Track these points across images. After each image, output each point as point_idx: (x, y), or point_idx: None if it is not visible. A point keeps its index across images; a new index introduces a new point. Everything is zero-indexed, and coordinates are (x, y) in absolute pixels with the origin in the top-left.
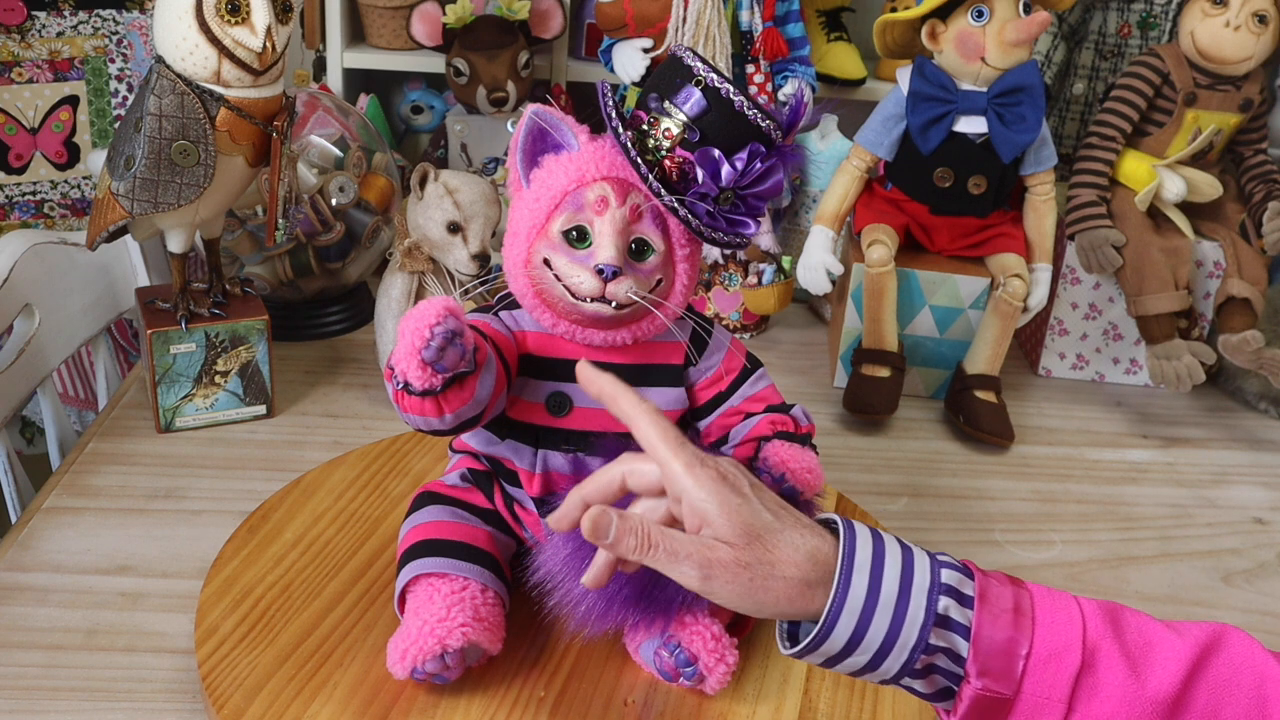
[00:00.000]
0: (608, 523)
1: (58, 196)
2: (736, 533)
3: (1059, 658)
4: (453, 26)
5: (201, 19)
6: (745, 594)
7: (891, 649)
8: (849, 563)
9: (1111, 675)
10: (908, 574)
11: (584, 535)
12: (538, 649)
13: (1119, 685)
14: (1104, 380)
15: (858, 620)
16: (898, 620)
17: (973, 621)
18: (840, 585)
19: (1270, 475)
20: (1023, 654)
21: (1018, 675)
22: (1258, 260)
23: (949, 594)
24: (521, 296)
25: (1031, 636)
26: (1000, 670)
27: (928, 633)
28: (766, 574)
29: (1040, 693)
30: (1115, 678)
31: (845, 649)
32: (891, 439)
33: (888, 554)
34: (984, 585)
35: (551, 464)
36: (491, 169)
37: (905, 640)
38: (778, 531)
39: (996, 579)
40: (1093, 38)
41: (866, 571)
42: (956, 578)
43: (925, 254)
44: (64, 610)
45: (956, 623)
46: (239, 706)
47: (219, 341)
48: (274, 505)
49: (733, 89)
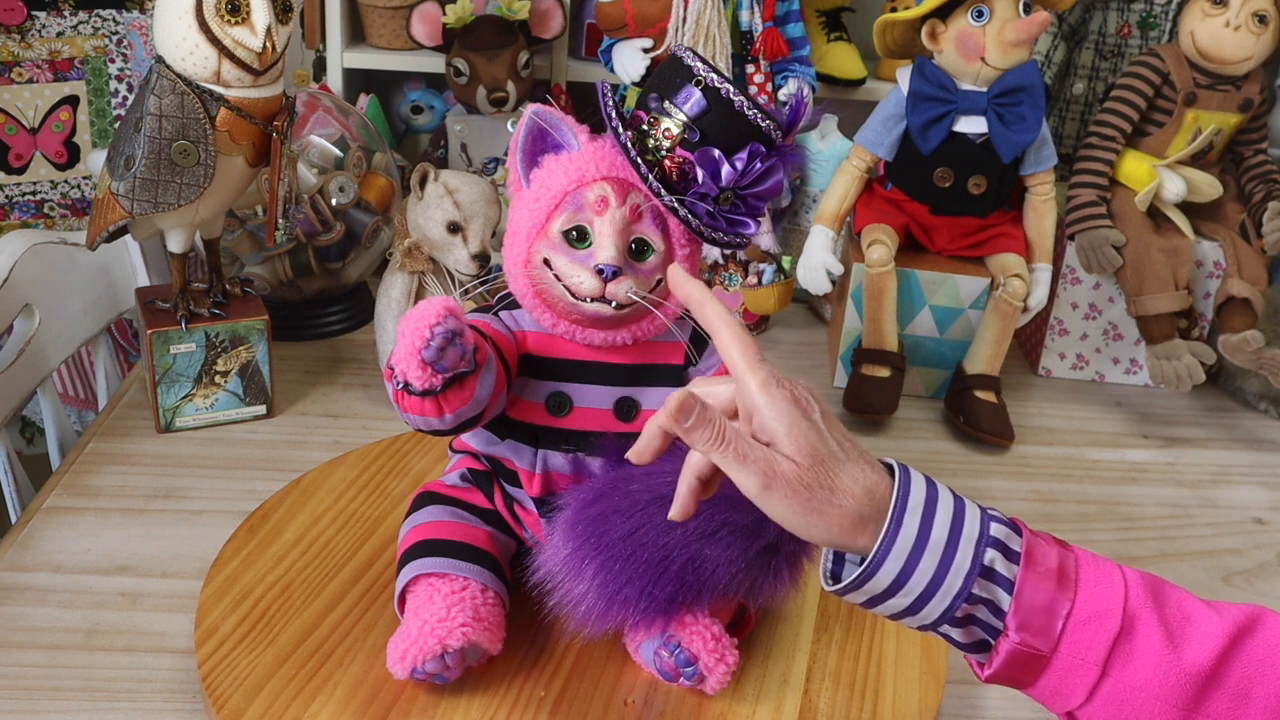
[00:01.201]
0: (692, 406)
1: (58, 196)
2: (802, 453)
3: (1099, 621)
4: (453, 26)
5: (201, 19)
6: (799, 513)
7: (935, 594)
8: (902, 504)
9: (1148, 643)
10: (958, 522)
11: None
12: (538, 649)
13: (1155, 653)
14: (1104, 380)
15: (905, 562)
16: (944, 566)
17: (1017, 577)
18: (892, 525)
19: (1270, 475)
20: (1063, 613)
21: (1056, 634)
22: (1258, 260)
23: (996, 547)
24: (521, 296)
25: (1074, 598)
26: (1040, 627)
27: (972, 582)
28: (824, 499)
29: (1077, 653)
30: (1152, 646)
31: (889, 589)
32: (891, 439)
33: (940, 501)
34: (1031, 543)
35: (551, 464)
36: (491, 169)
37: (949, 587)
38: (841, 461)
39: (1044, 539)
40: (1093, 38)
41: (918, 515)
42: (1005, 532)
43: (925, 254)
44: (64, 610)
45: (1001, 576)
46: (239, 706)
47: (219, 341)
48: (274, 505)
49: (733, 89)
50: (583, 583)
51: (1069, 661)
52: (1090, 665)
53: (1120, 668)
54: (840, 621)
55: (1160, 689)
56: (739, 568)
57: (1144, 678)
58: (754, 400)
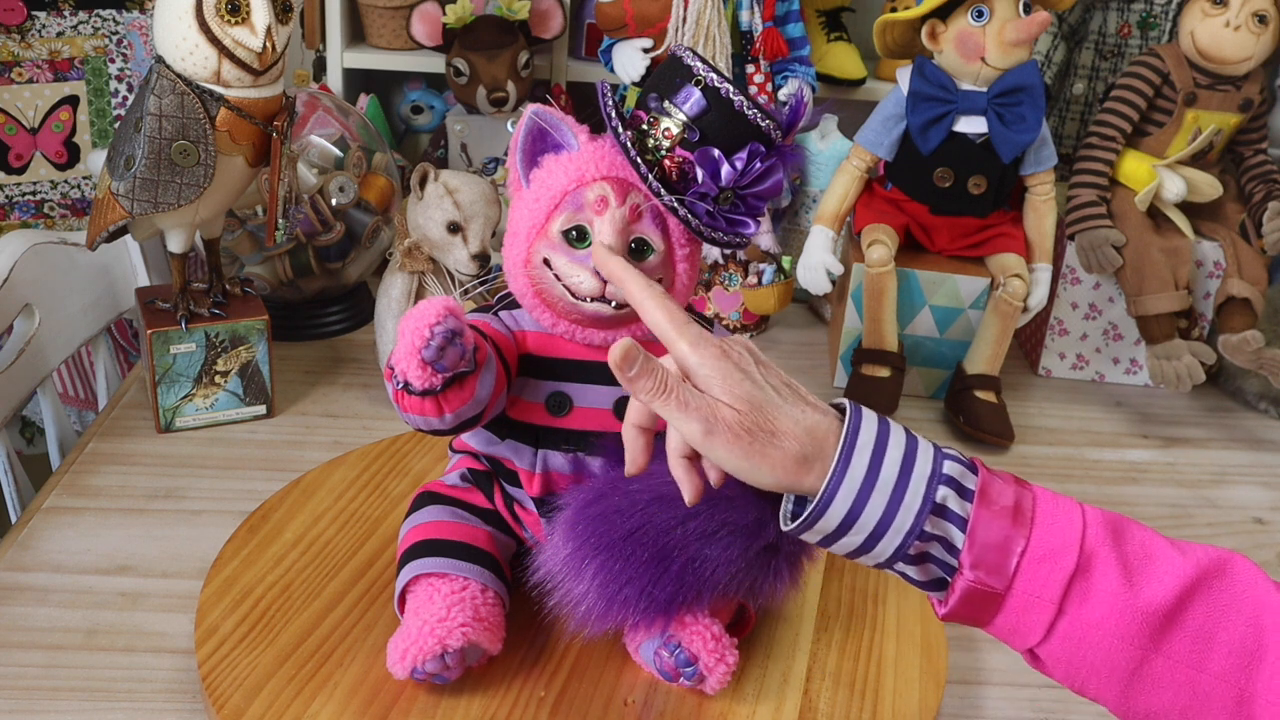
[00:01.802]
0: (635, 355)
1: (58, 196)
2: (739, 400)
3: (1053, 559)
4: (453, 26)
5: (201, 19)
6: (742, 456)
7: (886, 531)
8: (851, 441)
9: (1105, 581)
10: (909, 460)
11: (612, 365)
12: (538, 649)
13: (1112, 591)
14: (1104, 380)
15: (854, 499)
16: (894, 503)
17: (970, 514)
18: (839, 464)
19: (1270, 475)
20: (1017, 551)
21: (1010, 571)
22: (1258, 260)
23: (949, 484)
24: (521, 296)
25: (1029, 535)
26: (993, 565)
27: (923, 520)
28: (765, 441)
29: (1032, 591)
30: (1109, 584)
31: (840, 527)
32: None
33: (891, 438)
34: (986, 481)
35: (551, 464)
36: (491, 169)
37: (900, 524)
38: (779, 405)
39: (1002, 477)
40: (1093, 38)
41: (868, 453)
42: (959, 470)
43: (925, 254)
44: (64, 610)
45: (954, 513)
46: (239, 706)
47: (219, 341)
48: (274, 505)
49: (733, 89)
50: (583, 583)
51: (1024, 600)
52: (1046, 603)
53: (1077, 606)
54: (840, 621)
55: (1117, 627)
56: (739, 568)
57: (1101, 615)
58: (687, 361)
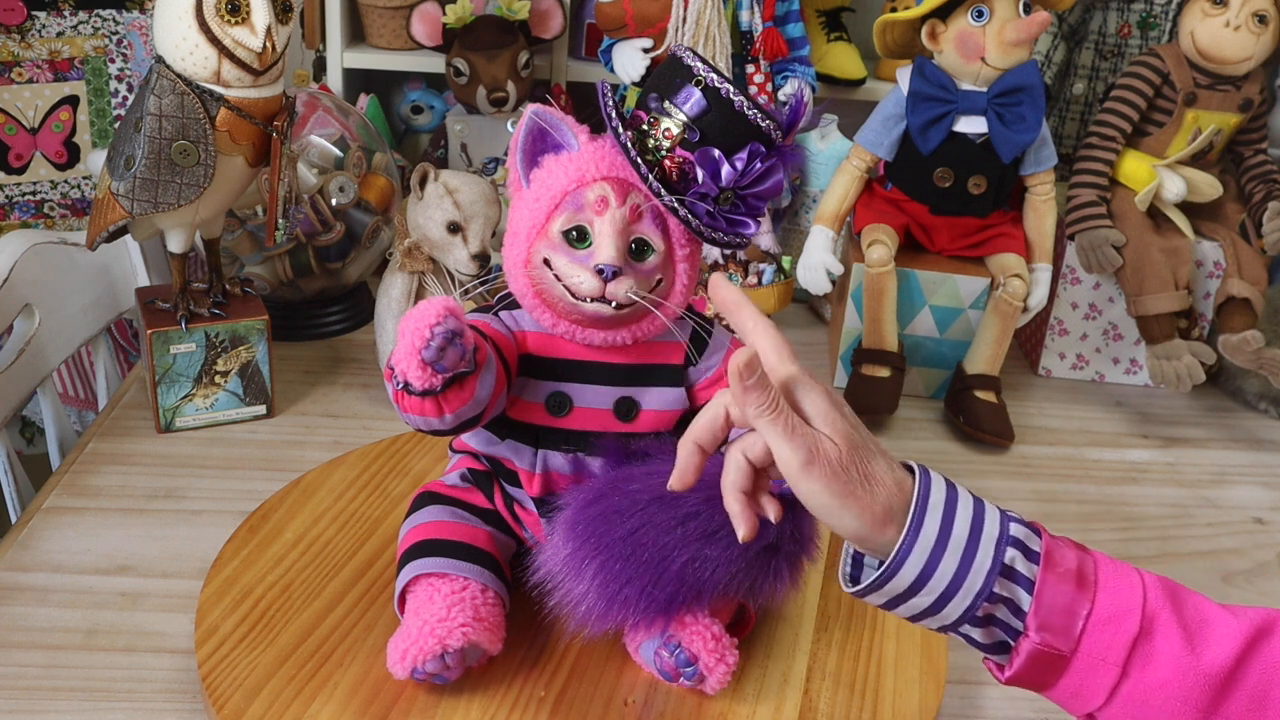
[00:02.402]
0: (757, 364)
1: (58, 196)
2: (840, 438)
3: (1118, 621)
4: (453, 26)
5: (201, 19)
6: (836, 495)
7: (956, 593)
8: (923, 502)
9: (1168, 644)
10: (978, 522)
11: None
12: (538, 649)
13: (1174, 655)
14: (1104, 380)
15: (926, 560)
16: (965, 565)
17: (1037, 576)
18: (914, 523)
19: (1270, 475)
20: (1083, 614)
21: (1076, 634)
22: (1258, 260)
23: (1016, 546)
24: (521, 296)
25: (1093, 598)
26: (1060, 627)
27: (993, 581)
28: (860, 484)
29: (1097, 653)
30: (1171, 648)
31: (910, 589)
32: (891, 439)
33: (960, 501)
34: (1050, 544)
35: (551, 464)
36: (491, 169)
37: (970, 586)
38: (874, 453)
39: (1063, 541)
40: (1093, 38)
41: (939, 514)
42: (1024, 533)
43: (925, 254)
44: (64, 610)
45: (1021, 575)
46: (239, 706)
47: (219, 341)
48: (274, 505)
49: (733, 89)
50: (583, 583)
51: (1089, 662)
52: (1110, 666)
53: (1140, 669)
54: (840, 622)
55: (1180, 690)
56: (739, 568)
57: (1163, 679)
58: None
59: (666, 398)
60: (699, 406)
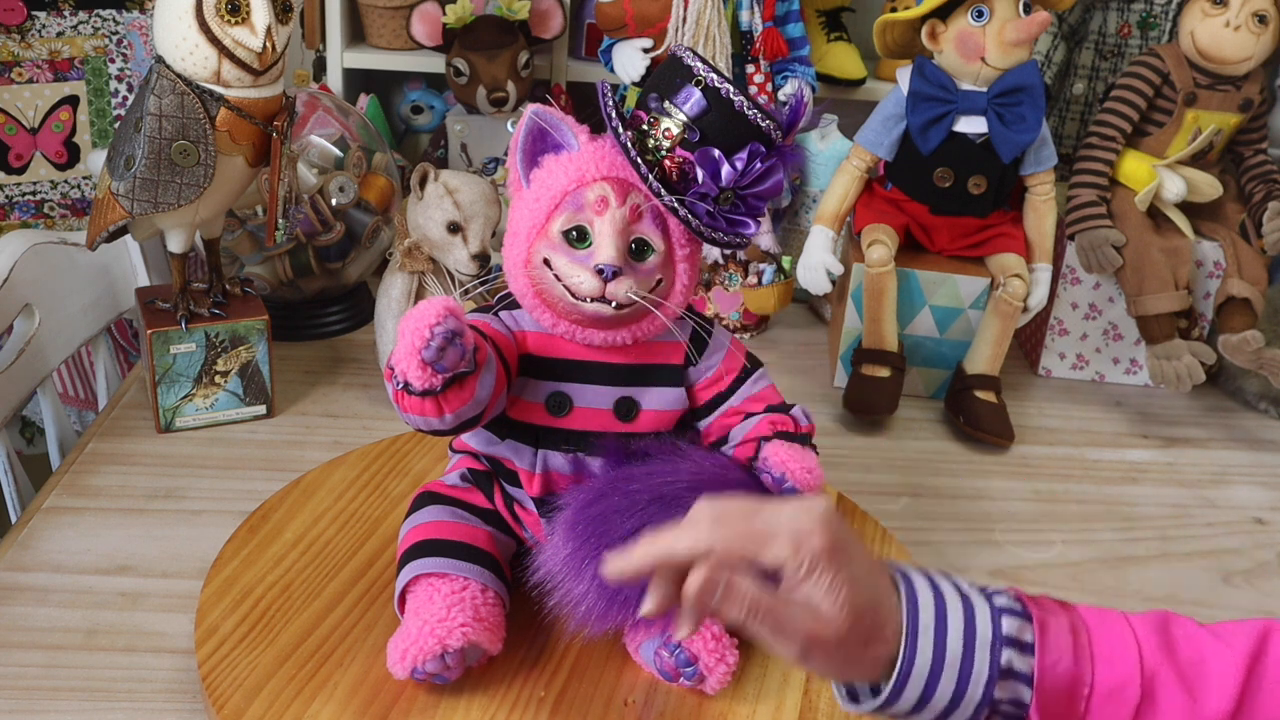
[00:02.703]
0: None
1: (58, 196)
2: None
3: (1119, 694)
4: (453, 26)
5: (201, 19)
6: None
7: (957, 708)
8: (913, 628)
9: (1170, 702)
10: (970, 629)
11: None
12: (538, 649)
13: (1177, 710)
14: (1104, 380)
15: (924, 685)
16: (963, 680)
17: (1034, 669)
18: (906, 655)
19: (1270, 475)
20: (1084, 694)
21: (1080, 714)
22: (1258, 260)
23: (1011, 645)
24: (521, 296)
25: (1092, 675)
26: (1062, 712)
27: (993, 688)
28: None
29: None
30: (1173, 704)
31: (912, 711)
32: (891, 439)
33: (949, 612)
34: (1042, 627)
35: (551, 464)
36: (491, 169)
37: (970, 697)
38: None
39: (1053, 613)
40: (1093, 38)
41: (931, 635)
42: (1017, 625)
43: (925, 254)
44: (64, 610)
45: (1019, 673)
46: (239, 706)
47: (219, 341)
48: (274, 505)
49: (733, 89)
50: (583, 583)
51: None
52: None
53: None
54: None
55: None
56: None
57: None
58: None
59: (666, 398)
60: (699, 406)
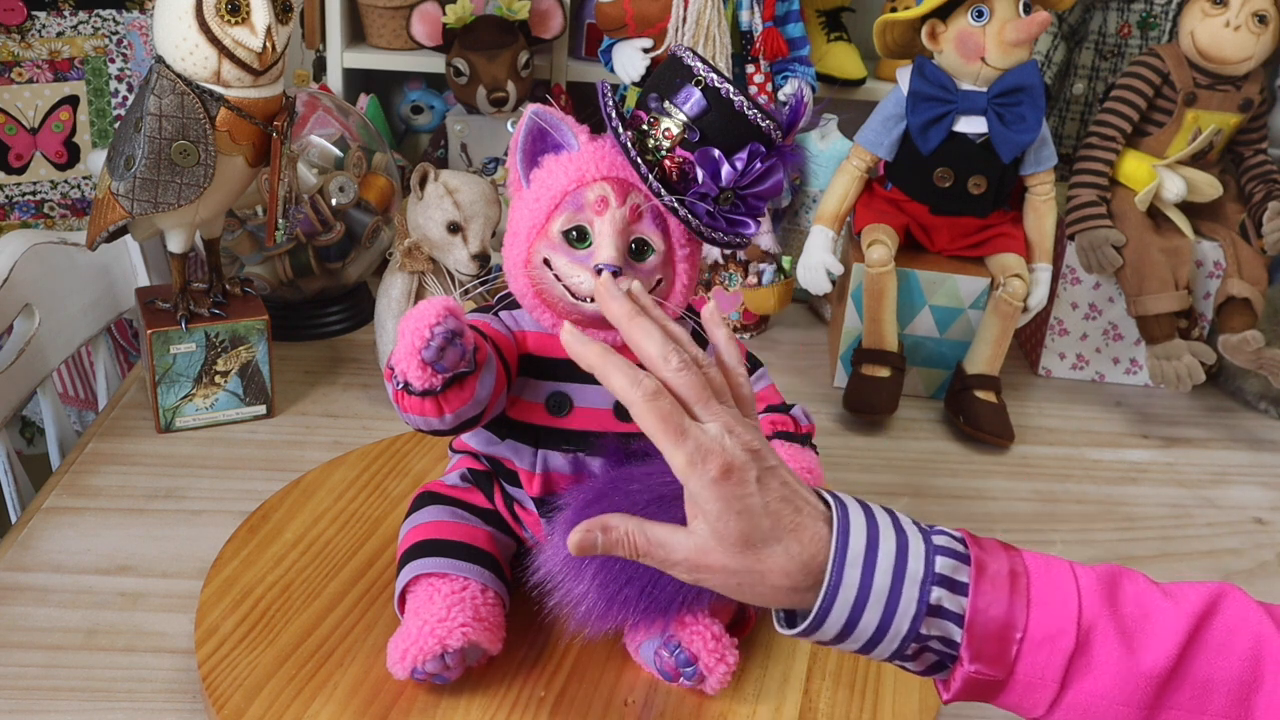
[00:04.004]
0: (593, 541)
1: (58, 196)
2: (729, 541)
3: (1052, 642)
4: (453, 26)
5: (201, 19)
6: (731, 592)
7: (882, 639)
8: (841, 557)
9: (1105, 653)
10: (900, 565)
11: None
12: (538, 649)
13: (1113, 662)
14: (1104, 380)
15: (849, 614)
16: (889, 613)
17: (966, 609)
18: (831, 584)
19: (1270, 475)
20: (1016, 638)
21: (1011, 659)
22: (1258, 260)
23: (942, 584)
24: (521, 296)
25: (1026, 620)
26: (993, 655)
27: (919, 624)
28: (755, 581)
29: (1034, 674)
30: (1109, 655)
31: (836, 638)
32: (891, 439)
33: (881, 543)
34: (979, 566)
35: (551, 464)
36: (491, 169)
37: (896, 631)
38: (773, 543)
39: (991, 553)
40: (1093, 38)
41: (859, 566)
42: (952, 565)
43: (925, 254)
44: (64, 610)
45: (949, 611)
46: (239, 706)
47: (219, 341)
48: (274, 505)
49: (733, 89)
50: (583, 583)
51: (1026, 681)
52: (1049, 683)
53: (1078, 680)
54: None
55: (1121, 694)
56: None
57: (1104, 686)
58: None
59: None
60: None
